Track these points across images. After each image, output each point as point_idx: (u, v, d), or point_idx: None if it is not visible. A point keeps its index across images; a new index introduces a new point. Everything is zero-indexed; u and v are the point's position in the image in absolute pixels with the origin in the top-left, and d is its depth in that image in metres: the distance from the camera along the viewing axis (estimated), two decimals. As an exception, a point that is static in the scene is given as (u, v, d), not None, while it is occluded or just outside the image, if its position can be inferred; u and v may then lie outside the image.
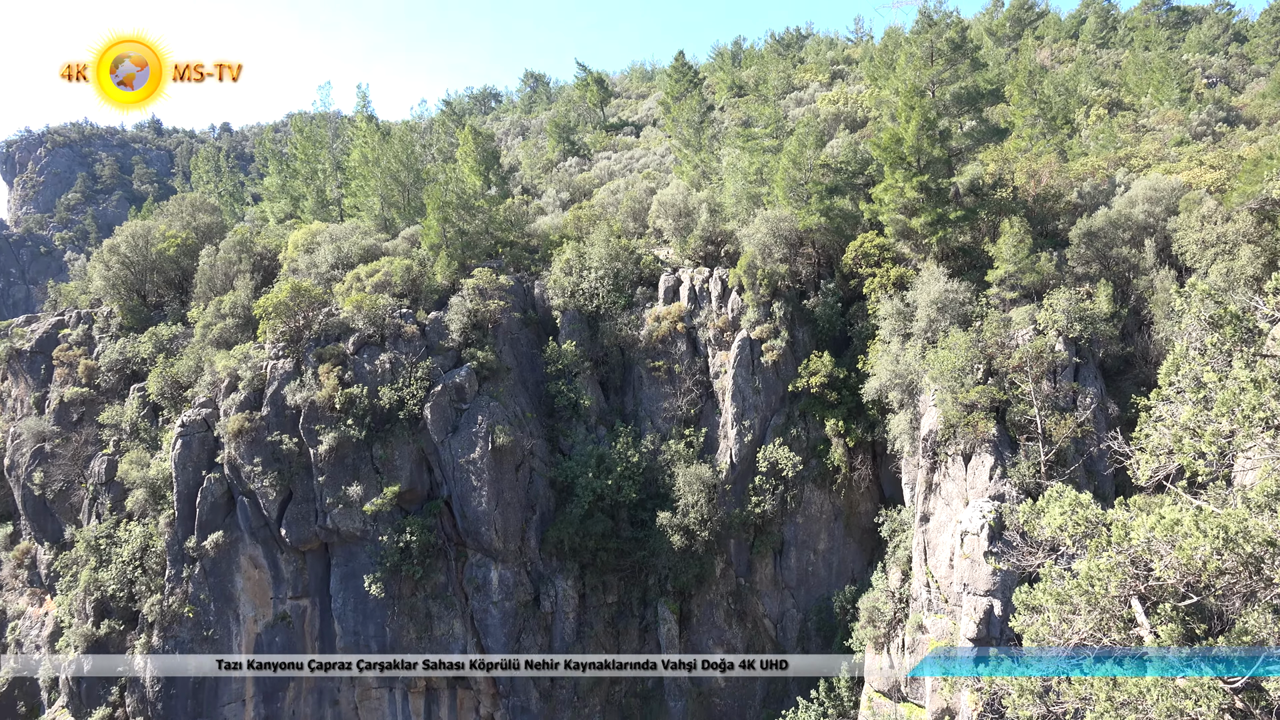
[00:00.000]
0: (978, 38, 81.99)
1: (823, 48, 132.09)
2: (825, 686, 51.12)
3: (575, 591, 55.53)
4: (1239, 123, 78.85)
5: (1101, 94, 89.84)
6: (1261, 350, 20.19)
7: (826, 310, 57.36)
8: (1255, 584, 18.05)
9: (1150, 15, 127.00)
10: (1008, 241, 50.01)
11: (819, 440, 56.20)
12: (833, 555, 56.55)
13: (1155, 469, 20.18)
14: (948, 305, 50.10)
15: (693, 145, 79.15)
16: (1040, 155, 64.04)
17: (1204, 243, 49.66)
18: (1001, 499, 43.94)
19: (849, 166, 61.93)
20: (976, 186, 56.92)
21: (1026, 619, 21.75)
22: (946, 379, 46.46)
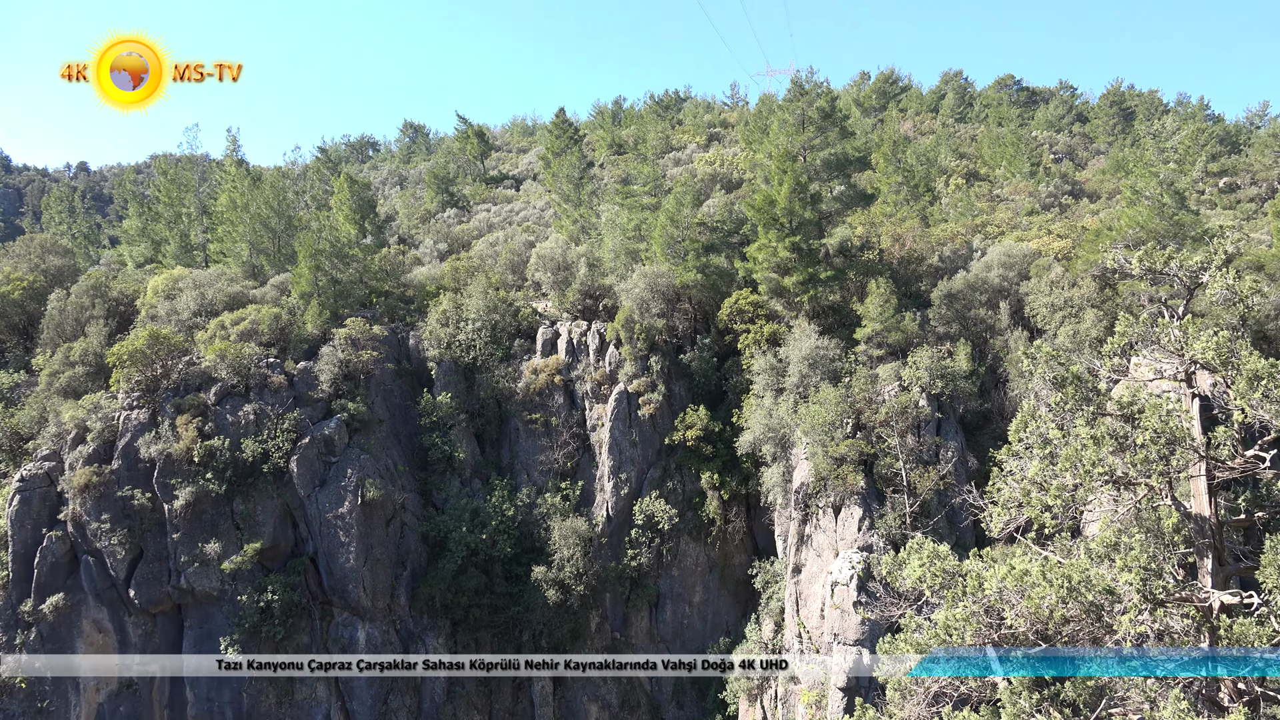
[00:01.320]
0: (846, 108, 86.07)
1: (700, 110, 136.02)
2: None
3: (446, 650, 53.95)
4: (1083, 196, 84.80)
5: (960, 165, 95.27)
6: (1101, 409, 21.50)
7: (702, 365, 58.33)
8: (1098, 630, 19.05)
9: (1003, 94, 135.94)
10: (875, 301, 52.13)
11: (695, 493, 56.74)
12: (708, 608, 56.80)
13: (1007, 521, 21.17)
14: (819, 361, 51.66)
15: (572, 200, 79.92)
16: (904, 220, 67.27)
17: (1053, 306, 52.85)
18: (870, 549, 45.19)
19: (725, 226, 63.59)
20: (845, 248, 59.26)
21: (890, 668, 22.31)
22: (818, 433, 47.75)
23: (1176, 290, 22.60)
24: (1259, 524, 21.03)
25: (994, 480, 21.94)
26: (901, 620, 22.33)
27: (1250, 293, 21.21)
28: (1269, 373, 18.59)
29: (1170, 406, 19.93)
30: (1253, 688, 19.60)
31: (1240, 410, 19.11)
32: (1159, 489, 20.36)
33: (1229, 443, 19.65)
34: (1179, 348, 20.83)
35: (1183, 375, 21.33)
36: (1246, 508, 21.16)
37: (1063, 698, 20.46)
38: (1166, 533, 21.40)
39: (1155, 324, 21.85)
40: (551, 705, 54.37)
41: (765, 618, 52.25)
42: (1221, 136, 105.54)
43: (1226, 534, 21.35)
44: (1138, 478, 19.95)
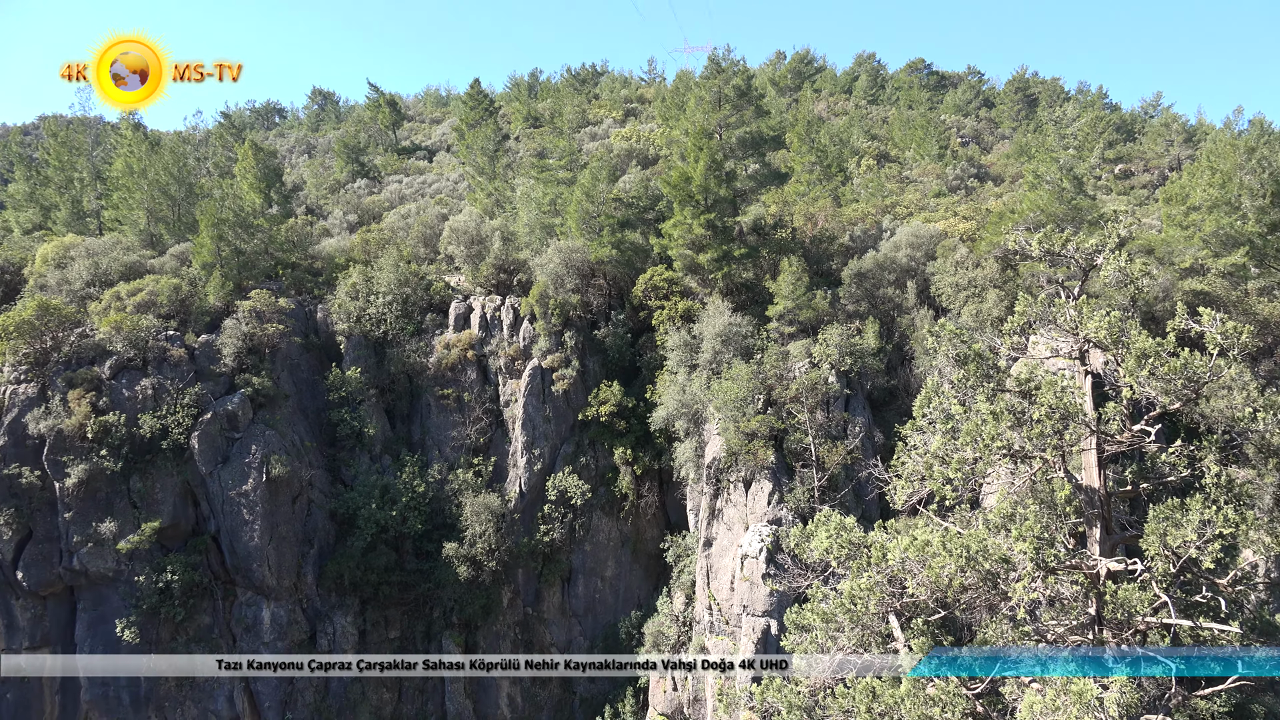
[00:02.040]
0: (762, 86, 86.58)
1: (617, 86, 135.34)
2: (610, 713, 51.48)
3: (355, 628, 53.24)
4: (988, 179, 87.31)
5: (871, 146, 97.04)
6: (1001, 385, 22.26)
7: (617, 340, 58.41)
8: (993, 598, 19.82)
9: (914, 77, 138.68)
10: (787, 279, 52.85)
11: (608, 468, 56.95)
12: (620, 582, 57.24)
13: (910, 494, 21.81)
14: (731, 338, 52.21)
15: (487, 173, 78.86)
16: (817, 200, 68.29)
17: (957, 286, 54.40)
18: (779, 523, 46.06)
19: (640, 202, 63.59)
20: (759, 226, 59.88)
21: (796, 638, 22.84)
22: (730, 408, 48.33)
23: (1073, 272, 23.47)
24: (1144, 495, 22.13)
25: (898, 454, 22.57)
26: (809, 591, 22.87)
27: (1140, 275, 22.19)
28: (1155, 352, 19.50)
29: (1065, 383, 20.74)
30: (1134, 649, 20.67)
31: (1129, 387, 20.01)
32: (1053, 462, 21.22)
33: (1118, 418, 20.61)
34: (1074, 327, 21.68)
35: (1077, 353, 22.22)
36: (1133, 479, 22.23)
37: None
38: (1059, 504, 22.34)
39: (1052, 304, 22.69)
40: (463, 681, 54.16)
41: (677, 591, 52.91)
42: (1118, 125, 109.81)
43: (1114, 504, 22.40)
44: (1033, 451, 20.75)
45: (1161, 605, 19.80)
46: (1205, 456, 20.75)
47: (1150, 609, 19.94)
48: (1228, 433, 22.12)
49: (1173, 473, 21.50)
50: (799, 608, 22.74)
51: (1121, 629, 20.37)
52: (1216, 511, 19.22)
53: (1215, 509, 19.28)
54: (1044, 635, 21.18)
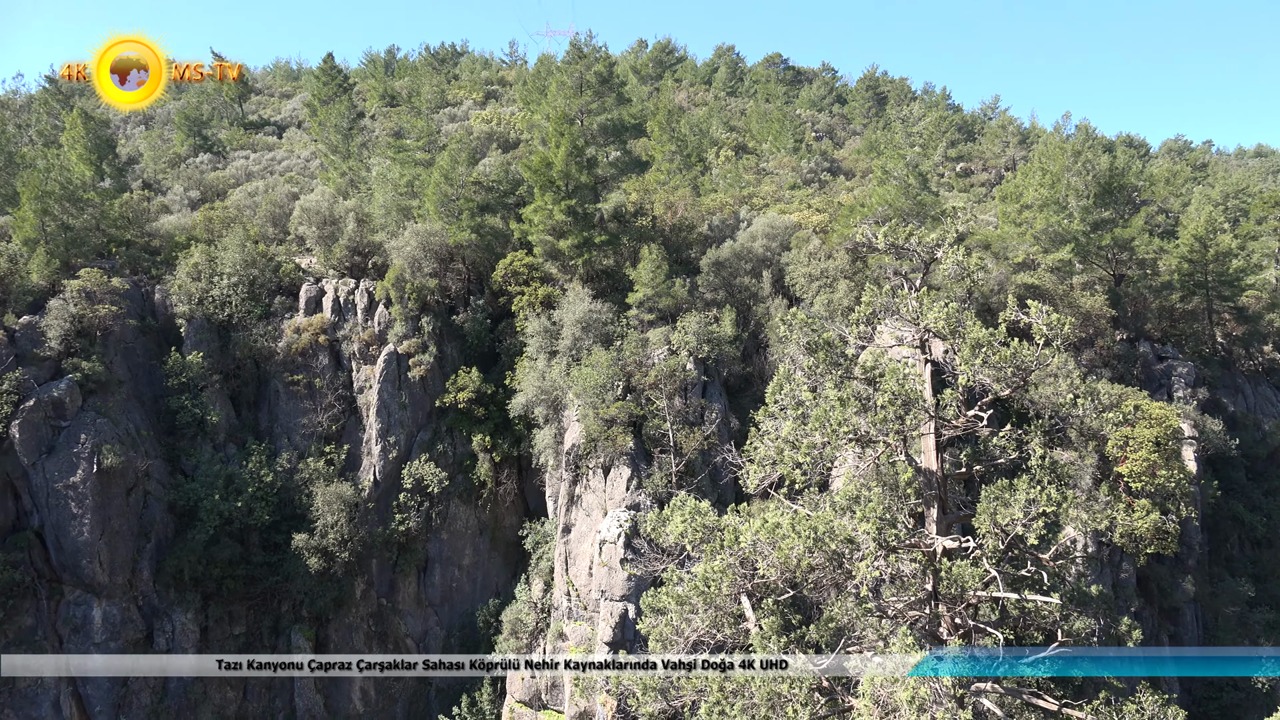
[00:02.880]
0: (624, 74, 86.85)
1: (478, 67, 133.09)
2: (468, 701, 51.00)
3: (196, 625, 50.77)
4: (840, 173, 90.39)
5: (730, 137, 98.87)
6: (849, 373, 23.17)
7: (476, 326, 57.64)
8: (839, 577, 20.67)
9: (771, 72, 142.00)
10: (647, 267, 53.34)
11: (466, 455, 56.21)
12: (477, 570, 56.67)
13: (762, 478, 22.45)
14: (591, 325, 52.34)
15: (341, 152, 76.22)
16: (677, 189, 69.10)
17: (810, 276, 56.14)
18: (638, 508, 46.60)
19: (501, 186, 62.84)
20: (620, 214, 60.15)
21: (652, 621, 23.19)
22: (589, 395, 48.49)
23: (916, 265, 24.61)
24: (977, 476, 23.49)
25: (751, 440, 23.18)
26: (664, 575, 23.25)
27: (976, 268, 23.48)
28: (988, 341, 20.71)
29: (907, 371, 21.76)
30: (967, 622, 21.96)
31: (964, 375, 21.18)
32: (895, 446, 22.23)
33: (954, 404, 21.77)
34: (915, 318, 22.76)
35: (918, 343, 23.34)
36: (967, 462, 23.56)
37: (808, 639, 22.08)
38: (901, 486, 23.46)
39: (896, 295, 23.74)
40: (312, 676, 52.49)
41: (535, 578, 52.83)
42: (960, 125, 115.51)
43: (950, 486, 23.68)
44: (878, 436, 21.69)
45: (991, 580, 21.08)
46: (1031, 440, 22.19)
47: (981, 583, 21.20)
48: (1053, 418, 23.67)
49: (1003, 455, 22.91)
50: (655, 591, 23.10)
51: (955, 603, 21.58)
52: (1041, 491, 20.60)
53: (1040, 489, 20.66)
54: (885, 611, 22.23)
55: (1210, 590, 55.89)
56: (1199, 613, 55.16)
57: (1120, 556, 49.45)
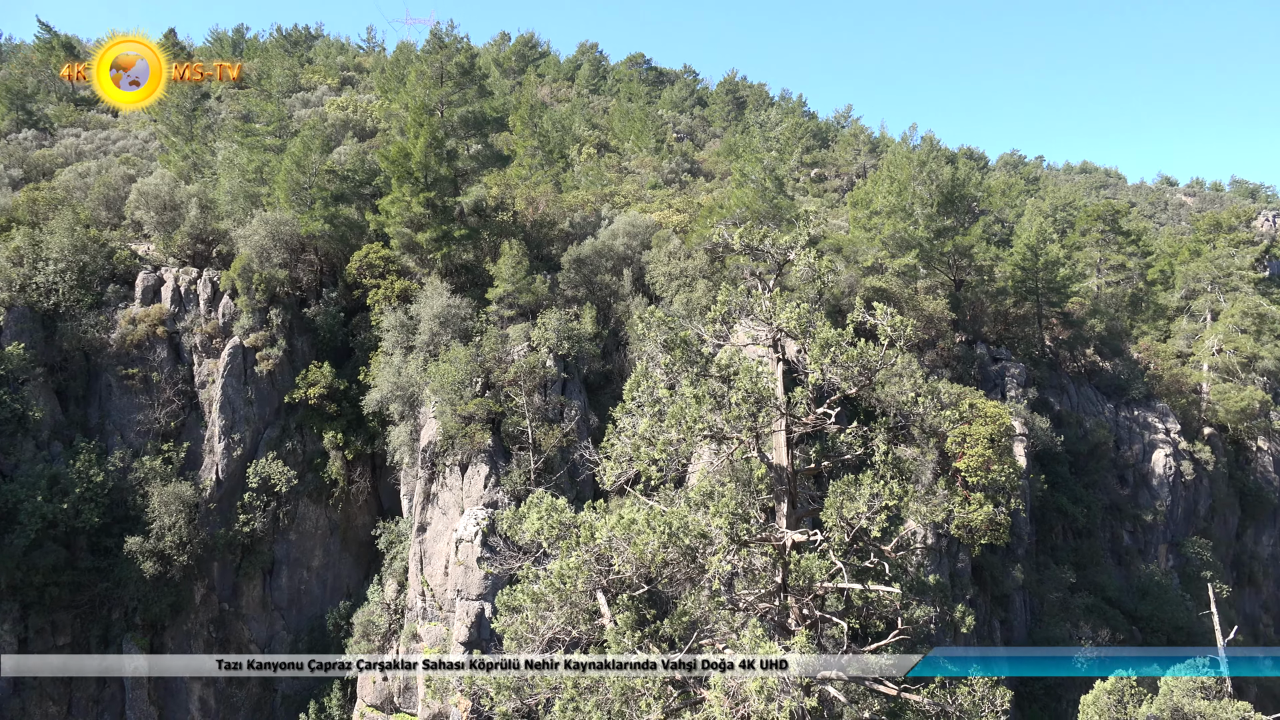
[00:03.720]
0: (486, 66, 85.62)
1: (333, 51, 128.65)
2: (315, 708, 49.31)
3: (14, 636, 47.11)
4: (700, 174, 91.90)
5: (592, 135, 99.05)
6: (705, 371, 23.57)
7: (328, 320, 55.75)
8: (693, 571, 21.01)
9: (634, 71, 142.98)
10: (507, 262, 52.86)
11: (316, 453, 54.29)
12: (328, 571, 54.84)
13: (619, 474, 22.60)
14: (450, 320, 51.49)
15: (183, 134, 72.30)
16: (539, 185, 68.73)
17: (670, 275, 56.85)
18: (495, 506, 46.15)
19: (357, 175, 60.98)
20: (480, 208, 59.33)
21: (507, 619, 22.99)
22: (447, 391, 47.69)
23: (770, 266, 25.25)
24: (825, 472, 24.33)
25: (608, 436, 23.30)
26: (519, 572, 23.11)
27: (826, 271, 24.30)
28: (836, 341, 21.48)
29: (760, 370, 22.31)
30: (814, 612, 22.70)
31: (814, 373, 21.89)
32: (749, 443, 22.77)
33: (804, 401, 22.49)
34: (769, 317, 23.36)
35: (771, 342, 23.97)
36: (817, 458, 24.37)
37: (661, 634, 22.34)
38: (753, 482, 24.02)
39: (750, 295, 24.31)
40: (146, 688, 49.66)
41: (389, 578, 51.58)
42: (815, 132, 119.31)
43: (800, 481, 24.43)
44: (731, 433, 22.16)
45: (837, 571, 21.86)
46: (876, 437, 23.15)
47: (828, 575, 21.96)
48: (898, 415, 24.75)
49: (850, 451, 23.80)
50: (510, 589, 22.90)
51: (803, 594, 22.28)
52: (884, 486, 21.51)
53: (883, 484, 21.57)
54: (737, 604, 22.74)
55: (1037, 578, 59.70)
56: (1027, 599, 58.84)
57: (957, 547, 52.19)
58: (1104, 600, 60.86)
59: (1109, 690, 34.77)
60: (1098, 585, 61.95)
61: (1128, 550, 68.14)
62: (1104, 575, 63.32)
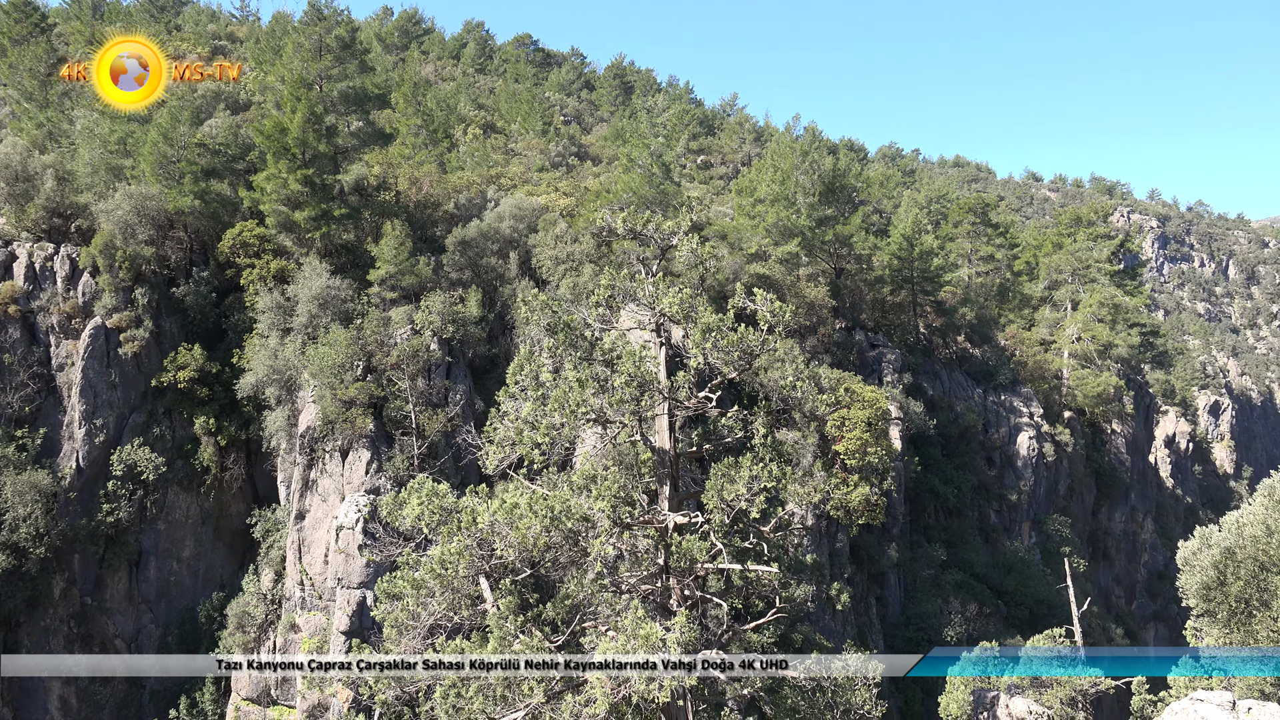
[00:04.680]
0: (367, 41, 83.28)
1: (204, 18, 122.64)
2: (187, 703, 47.49)
3: None
4: (587, 158, 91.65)
5: (478, 115, 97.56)
6: (588, 355, 23.57)
7: (199, 300, 53.43)
8: (576, 555, 21.06)
9: (521, 52, 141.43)
10: (389, 243, 51.67)
11: (187, 439, 52.06)
12: (199, 562, 52.75)
13: (502, 459, 22.44)
14: (330, 301, 50.10)
15: (37, 100, 67.89)
16: (423, 164, 67.34)
17: (556, 259, 56.59)
18: (377, 492, 45.25)
19: (229, 150, 58.52)
20: (362, 187, 57.82)
21: (387, 607, 22.59)
22: (326, 375, 46.45)
23: (654, 251, 25.41)
24: (707, 455, 24.71)
25: (492, 420, 23.11)
26: (400, 559, 22.73)
27: (707, 257, 24.65)
28: (717, 326, 21.80)
29: (643, 354, 22.45)
30: (695, 593, 23.08)
31: (696, 358, 22.17)
32: (632, 426, 22.92)
33: (686, 385, 22.76)
34: (652, 302, 23.53)
35: (654, 326, 24.15)
36: (699, 441, 24.72)
37: (544, 617, 22.35)
38: (637, 465, 24.21)
39: (633, 279, 24.43)
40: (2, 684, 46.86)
41: (265, 568, 49.99)
42: (701, 119, 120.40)
43: (683, 464, 24.74)
44: (615, 417, 22.25)
45: (718, 552, 22.26)
46: (755, 420, 23.63)
47: (709, 556, 22.33)
48: (780, 400, 25.31)
49: (730, 435, 24.22)
50: (390, 576, 22.50)
51: (685, 575, 22.61)
52: (763, 468, 21.99)
53: (762, 466, 22.04)
54: (620, 586, 22.91)
55: (911, 556, 62.15)
56: (901, 576, 61.22)
57: (836, 528, 53.86)
58: (972, 576, 63.82)
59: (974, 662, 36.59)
60: (967, 562, 64.91)
61: (994, 528, 71.59)
62: (972, 552, 66.38)
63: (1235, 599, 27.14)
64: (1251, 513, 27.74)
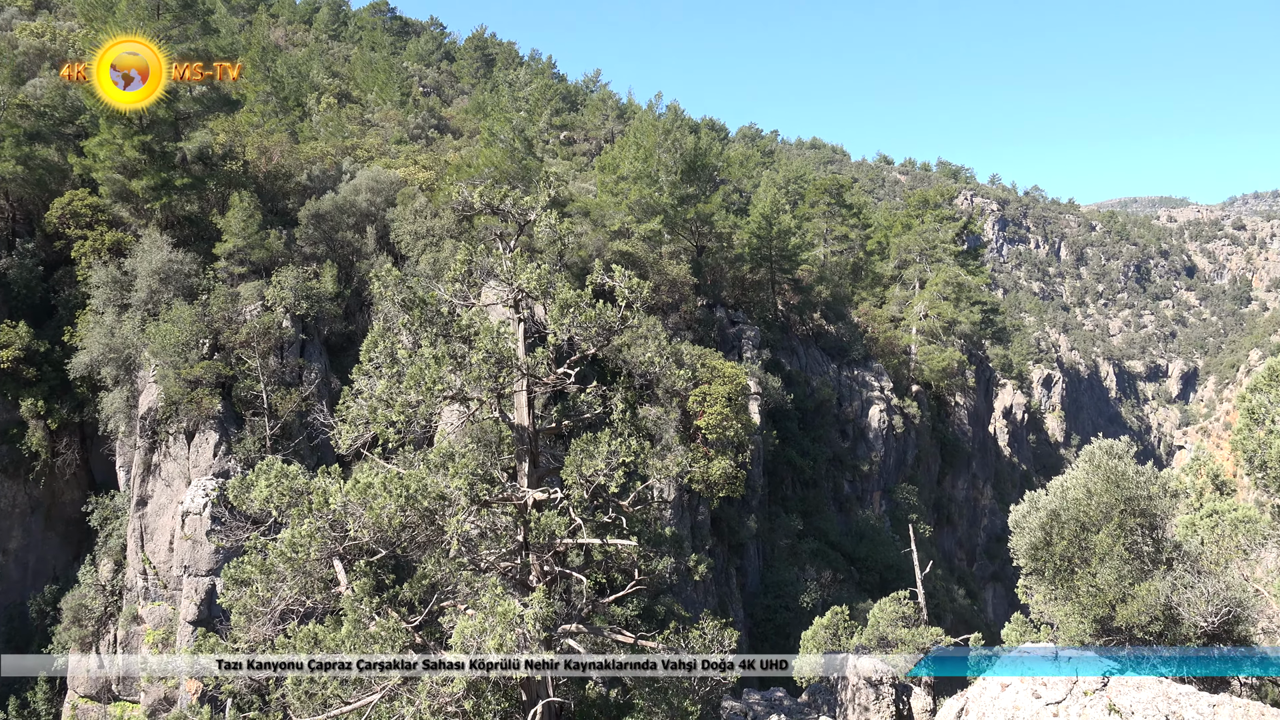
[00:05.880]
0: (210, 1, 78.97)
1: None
2: (17, 703, 44.60)
3: None
4: (447, 131, 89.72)
5: (333, 84, 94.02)
6: (445, 331, 23.19)
7: (24, 274, 49.77)
8: (433, 533, 20.77)
9: (378, 19, 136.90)
10: (237, 215, 49.42)
11: (12, 423, 48.50)
12: (29, 553, 49.43)
13: (355, 438, 21.84)
14: (172, 276, 47.60)
15: None
16: (273, 133, 64.52)
17: (416, 234, 55.34)
18: (226, 476, 43.43)
19: (56, 112, 54.60)
20: (206, 155, 54.92)
21: (235, 593, 21.75)
22: (169, 354, 44.21)
23: (512, 227, 25.15)
24: (566, 431, 24.74)
25: (344, 399, 22.46)
26: (248, 543, 21.90)
27: (566, 232, 24.57)
28: (575, 302, 21.79)
29: (502, 330, 22.24)
30: (554, 569, 23.16)
31: (554, 334, 22.13)
32: (490, 403, 22.71)
33: (545, 362, 22.69)
34: (510, 278, 23.31)
35: (512, 303, 23.95)
36: (558, 418, 24.71)
37: (401, 598, 21.99)
38: (495, 442, 24.04)
39: (491, 255, 24.15)
40: None
41: (104, 558, 47.31)
42: (564, 95, 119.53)
43: (542, 441, 24.70)
44: (473, 394, 21.98)
45: (577, 527, 22.37)
46: (614, 396, 23.81)
47: (568, 531, 22.43)
48: (642, 377, 25.58)
49: (590, 411, 24.32)
50: (238, 561, 21.65)
51: (544, 551, 22.65)
52: (621, 443, 22.18)
53: (620, 441, 22.23)
54: (478, 564, 22.76)
55: (769, 526, 64.09)
56: (760, 546, 63.08)
57: (698, 501, 54.94)
58: (827, 544, 66.37)
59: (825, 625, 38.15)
60: (822, 531, 67.44)
61: (848, 498, 74.59)
62: (827, 521, 69.00)
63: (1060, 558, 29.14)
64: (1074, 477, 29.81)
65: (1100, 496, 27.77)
